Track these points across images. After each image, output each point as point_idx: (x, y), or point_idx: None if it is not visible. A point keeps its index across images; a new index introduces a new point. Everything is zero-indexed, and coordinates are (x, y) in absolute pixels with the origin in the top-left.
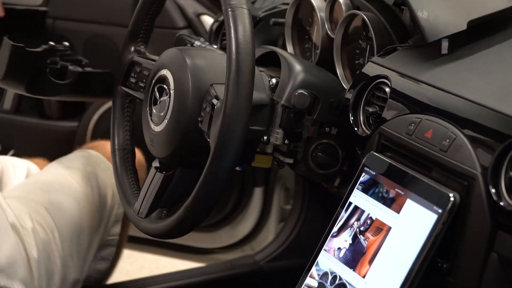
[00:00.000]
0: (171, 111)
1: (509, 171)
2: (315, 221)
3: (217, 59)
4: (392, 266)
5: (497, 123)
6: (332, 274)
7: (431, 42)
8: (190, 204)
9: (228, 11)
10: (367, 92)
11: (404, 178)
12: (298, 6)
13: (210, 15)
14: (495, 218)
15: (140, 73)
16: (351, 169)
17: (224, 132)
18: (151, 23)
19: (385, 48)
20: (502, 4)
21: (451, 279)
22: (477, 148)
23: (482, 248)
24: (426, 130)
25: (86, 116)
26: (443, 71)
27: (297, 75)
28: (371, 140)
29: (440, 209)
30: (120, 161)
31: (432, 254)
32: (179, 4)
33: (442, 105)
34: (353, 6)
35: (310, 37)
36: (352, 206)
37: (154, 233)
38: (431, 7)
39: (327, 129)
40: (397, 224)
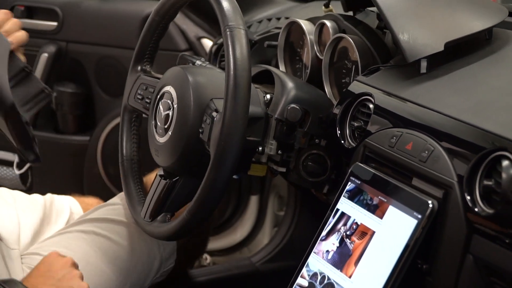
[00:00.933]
0: (174, 123)
1: (483, 180)
2: (306, 226)
3: (216, 76)
4: (376, 267)
5: (472, 136)
6: (321, 274)
7: (411, 62)
8: (192, 209)
9: (227, 32)
10: (352, 108)
11: (386, 187)
12: (289, 30)
13: (209, 38)
14: (471, 223)
15: (146, 90)
16: (339, 177)
17: (223, 142)
18: (156, 45)
19: (369, 68)
20: (477, 27)
21: (430, 279)
22: (453, 159)
23: (458, 250)
24: (406, 143)
25: (96, 131)
26: (422, 88)
27: (290, 91)
28: (357, 152)
29: (419, 215)
30: (127, 171)
31: (412, 256)
32: (182, 28)
33: (422, 119)
34: (340, 30)
35: (300, 58)
36: (339, 212)
37: (159, 236)
38: (411, 30)
39: (317, 140)
40: (380, 228)
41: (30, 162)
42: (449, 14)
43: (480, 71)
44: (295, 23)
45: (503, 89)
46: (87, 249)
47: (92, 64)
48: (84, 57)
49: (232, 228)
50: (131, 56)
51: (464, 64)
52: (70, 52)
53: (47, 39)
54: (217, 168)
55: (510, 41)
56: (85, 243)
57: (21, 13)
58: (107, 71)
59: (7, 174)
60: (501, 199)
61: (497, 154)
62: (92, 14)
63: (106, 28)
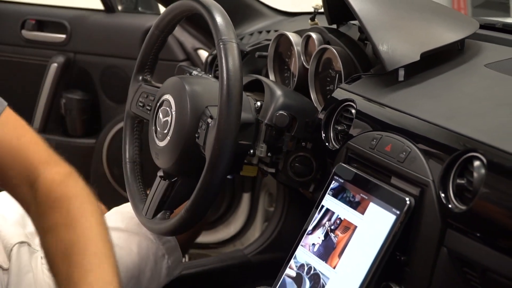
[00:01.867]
0: (172, 129)
1: (456, 179)
2: (293, 221)
3: (211, 85)
4: (358, 259)
5: (446, 138)
6: (308, 265)
7: (390, 71)
8: (189, 206)
9: (220, 45)
10: (336, 113)
11: (367, 185)
12: (278, 42)
13: (205, 49)
14: (445, 218)
15: (147, 98)
16: (324, 177)
17: (217, 146)
18: (156, 56)
19: (351, 76)
20: (450, 38)
21: (408, 269)
22: (429, 160)
23: (434, 243)
24: (386, 145)
25: (102, 135)
26: (400, 95)
27: (278, 99)
28: (340, 153)
29: (398, 211)
30: (130, 172)
31: (391, 249)
32: (180, 40)
33: (399, 123)
34: (324, 41)
35: (288, 68)
36: (324, 209)
37: (160, 231)
38: (389, 41)
39: (303, 143)
40: (362, 223)
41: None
42: (425, 27)
43: (453, 79)
44: (284, 35)
45: (474, 96)
46: None
47: (98, 73)
48: (90, 66)
49: (226, 223)
50: (133, 66)
51: (439, 72)
52: (77, 62)
53: (57, 50)
54: (212, 170)
55: (481, 52)
56: None
57: (32, 26)
58: (111, 79)
59: None
60: (473, 196)
61: (469, 155)
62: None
63: (110, 40)
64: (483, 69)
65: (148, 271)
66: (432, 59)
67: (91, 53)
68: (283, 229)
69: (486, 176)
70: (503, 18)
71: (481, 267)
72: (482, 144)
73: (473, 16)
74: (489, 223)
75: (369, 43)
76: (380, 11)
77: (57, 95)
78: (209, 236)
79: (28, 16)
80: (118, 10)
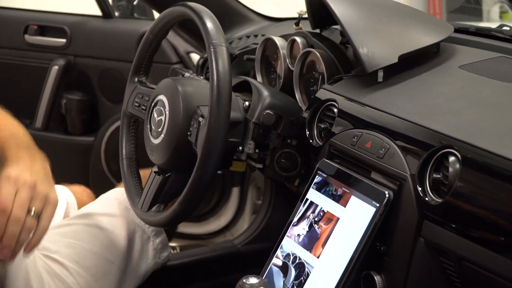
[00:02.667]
0: (166, 127)
1: (432, 174)
2: (280, 213)
3: (202, 86)
4: (340, 248)
5: (422, 135)
6: (293, 255)
7: (369, 72)
8: (182, 200)
9: (211, 48)
10: (319, 112)
11: (349, 179)
12: (265, 46)
13: (197, 52)
14: (422, 210)
15: (142, 98)
16: (308, 172)
17: (208, 143)
18: (150, 59)
19: (333, 77)
20: (426, 41)
21: (387, 258)
22: (406, 155)
23: (411, 234)
24: (366, 142)
25: (100, 133)
26: (379, 95)
27: (265, 99)
28: (323, 150)
29: (378, 203)
30: (126, 167)
31: (372, 239)
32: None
33: (379, 121)
34: (308, 45)
35: (275, 70)
36: (308, 202)
37: (154, 223)
38: (369, 45)
39: (289, 140)
40: (344, 215)
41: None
42: (403, 31)
43: (429, 80)
44: (270, 40)
45: (449, 95)
46: (92, 240)
47: (96, 75)
48: (89, 69)
49: (217, 215)
50: (129, 68)
51: (416, 73)
52: (77, 65)
53: (57, 53)
54: (203, 165)
55: (455, 54)
56: (90, 235)
57: (34, 31)
58: (109, 81)
59: None
60: (448, 190)
61: (444, 151)
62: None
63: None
64: (457, 70)
65: (136, 253)
66: (410, 61)
67: (90, 56)
68: (270, 221)
69: (460, 170)
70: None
71: (457, 256)
72: (457, 140)
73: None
74: (463, 215)
75: (350, 46)
76: (361, 16)
77: (58, 95)
78: (201, 227)
79: (31, 21)
80: (115, 16)
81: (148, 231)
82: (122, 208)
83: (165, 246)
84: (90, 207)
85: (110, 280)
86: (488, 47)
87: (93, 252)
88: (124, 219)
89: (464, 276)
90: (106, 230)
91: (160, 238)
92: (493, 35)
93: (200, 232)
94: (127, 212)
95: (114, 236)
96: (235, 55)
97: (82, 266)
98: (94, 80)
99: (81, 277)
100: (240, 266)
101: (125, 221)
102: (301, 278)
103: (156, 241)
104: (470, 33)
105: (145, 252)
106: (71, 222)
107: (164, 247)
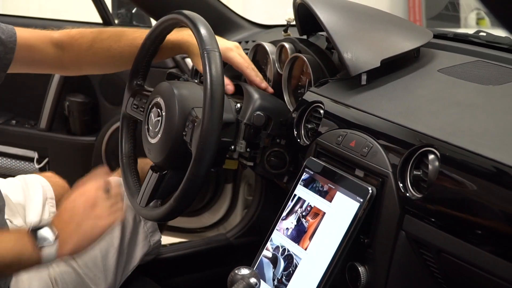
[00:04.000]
0: (163, 128)
1: (413, 171)
2: (270, 208)
3: (196, 89)
4: (327, 241)
5: (403, 135)
6: (282, 247)
7: (353, 76)
8: (177, 196)
9: (204, 53)
10: (307, 113)
11: (334, 176)
12: (256, 51)
13: None
14: (403, 205)
15: (140, 101)
16: (296, 169)
17: (202, 143)
18: (148, 64)
19: (319, 80)
20: (407, 47)
21: (371, 250)
22: (388, 154)
23: (393, 227)
24: (350, 141)
25: (101, 133)
26: (363, 97)
27: (255, 101)
28: (310, 149)
29: (361, 199)
30: (125, 165)
31: (356, 232)
32: None
33: (362, 122)
34: (296, 50)
35: (265, 73)
36: (296, 197)
37: (152, 218)
38: (353, 50)
39: (278, 140)
40: (329, 210)
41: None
42: (385, 37)
43: (410, 83)
44: (260, 45)
45: (428, 97)
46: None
47: (97, 79)
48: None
49: (211, 210)
50: (128, 73)
51: (397, 77)
52: None
53: None
54: (197, 164)
55: (434, 58)
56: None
57: None
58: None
59: (29, 168)
60: (428, 186)
61: (424, 150)
62: None
63: None
64: (436, 74)
65: (128, 234)
66: (391, 65)
67: None
68: (261, 215)
69: (439, 168)
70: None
71: (436, 248)
72: (436, 139)
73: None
74: (442, 209)
75: (335, 52)
76: (345, 23)
77: (61, 98)
78: (195, 222)
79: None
80: (115, 24)
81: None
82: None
83: (156, 230)
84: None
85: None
86: (465, 51)
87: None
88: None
89: (443, 267)
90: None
91: (150, 223)
92: (470, 41)
93: (195, 226)
94: (122, 196)
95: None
96: None
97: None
98: (95, 84)
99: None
100: (233, 258)
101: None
102: (290, 269)
103: (147, 225)
104: (449, 39)
105: (136, 234)
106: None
107: (154, 231)
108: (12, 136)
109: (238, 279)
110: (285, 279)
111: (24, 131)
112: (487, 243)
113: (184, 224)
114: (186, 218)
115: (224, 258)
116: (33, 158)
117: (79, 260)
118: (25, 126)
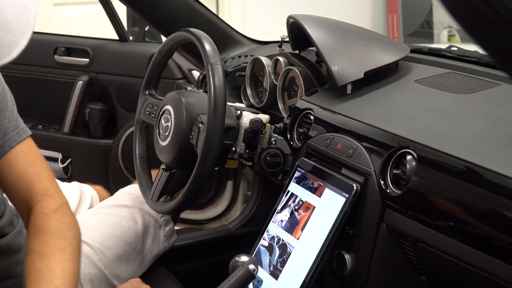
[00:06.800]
0: (172, 132)
1: (393, 170)
2: (266, 202)
3: (202, 98)
4: (317, 232)
5: (384, 138)
6: (277, 237)
7: (340, 86)
8: (185, 192)
9: (208, 66)
10: (298, 119)
11: (323, 174)
12: (254, 64)
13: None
14: (384, 200)
15: (152, 108)
16: (289, 168)
17: (207, 145)
18: (159, 75)
19: (310, 90)
20: (387, 60)
21: (356, 240)
22: (371, 154)
23: (375, 220)
24: (337, 143)
25: (118, 136)
26: (348, 105)
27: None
28: (302, 150)
29: (347, 194)
30: (139, 165)
31: (342, 224)
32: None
33: (348, 127)
34: (289, 63)
35: (262, 84)
36: (289, 193)
37: (163, 211)
38: (340, 63)
39: (274, 143)
40: (319, 204)
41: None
42: (367, 51)
43: (390, 92)
44: (258, 59)
45: (406, 105)
46: (114, 226)
47: (114, 88)
48: (108, 84)
49: (214, 204)
50: (141, 83)
51: (378, 87)
52: (98, 80)
53: (82, 71)
54: (202, 163)
55: (411, 70)
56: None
57: (62, 52)
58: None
59: (53, 167)
60: (406, 183)
61: (403, 151)
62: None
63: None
64: (413, 84)
65: (149, 238)
66: (373, 76)
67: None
68: (259, 209)
69: (416, 167)
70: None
71: (413, 238)
72: (413, 142)
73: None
74: (419, 204)
75: (324, 64)
76: (333, 39)
77: (82, 106)
78: (200, 214)
79: (59, 44)
80: (129, 40)
81: (160, 220)
82: (138, 202)
83: (173, 233)
84: (112, 200)
85: (128, 259)
86: (439, 64)
87: (115, 236)
88: (140, 211)
89: (419, 255)
90: (126, 219)
91: (169, 227)
92: (443, 54)
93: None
94: (143, 205)
95: (132, 224)
96: (228, 72)
97: (106, 247)
98: (112, 93)
99: (104, 256)
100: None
101: (141, 212)
102: (284, 256)
103: (166, 229)
104: (424, 53)
105: (157, 238)
106: (97, 211)
107: (172, 234)
108: (39, 139)
109: (238, 266)
110: (280, 265)
111: (50, 134)
112: (458, 234)
113: (190, 216)
114: (192, 211)
115: (226, 246)
116: (58, 159)
117: (102, 256)
118: (50, 130)
